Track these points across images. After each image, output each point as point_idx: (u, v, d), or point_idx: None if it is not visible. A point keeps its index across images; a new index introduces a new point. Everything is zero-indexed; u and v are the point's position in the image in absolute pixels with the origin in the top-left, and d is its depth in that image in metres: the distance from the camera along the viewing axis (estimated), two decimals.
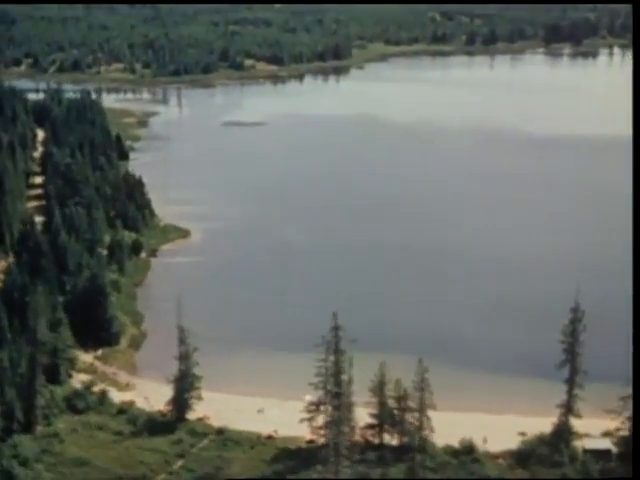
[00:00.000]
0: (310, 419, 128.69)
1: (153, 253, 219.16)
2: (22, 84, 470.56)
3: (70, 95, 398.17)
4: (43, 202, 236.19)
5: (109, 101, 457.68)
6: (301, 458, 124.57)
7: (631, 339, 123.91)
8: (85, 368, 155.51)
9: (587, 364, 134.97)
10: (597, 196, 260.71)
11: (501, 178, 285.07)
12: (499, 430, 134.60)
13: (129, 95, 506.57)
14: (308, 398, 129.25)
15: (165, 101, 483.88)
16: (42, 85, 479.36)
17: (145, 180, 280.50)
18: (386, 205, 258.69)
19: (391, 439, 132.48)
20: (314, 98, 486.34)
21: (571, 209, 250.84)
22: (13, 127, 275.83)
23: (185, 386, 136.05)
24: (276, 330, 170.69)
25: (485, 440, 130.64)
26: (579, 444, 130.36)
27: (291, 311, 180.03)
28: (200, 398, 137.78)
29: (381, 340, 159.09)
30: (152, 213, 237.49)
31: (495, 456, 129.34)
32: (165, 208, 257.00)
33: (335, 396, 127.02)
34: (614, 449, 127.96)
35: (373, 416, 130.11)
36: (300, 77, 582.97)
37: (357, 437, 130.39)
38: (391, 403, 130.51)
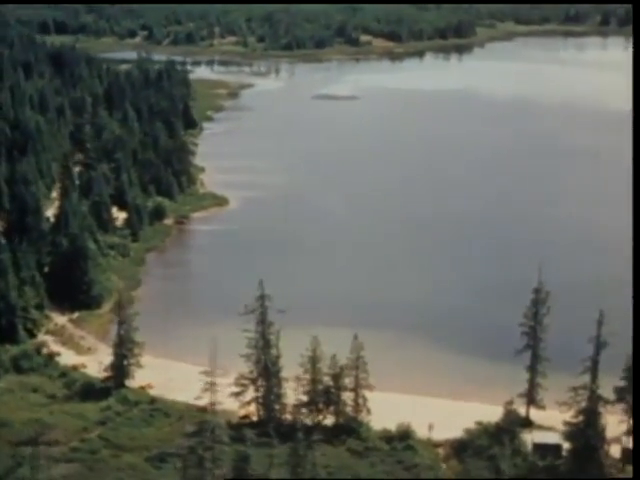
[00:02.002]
0: (239, 393, 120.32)
1: (181, 220, 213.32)
2: (126, 55, 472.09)
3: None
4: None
5: (218, 73, 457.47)
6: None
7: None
8: (54, 330, 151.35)
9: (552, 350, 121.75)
10: None
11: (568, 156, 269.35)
12: (457, 417, 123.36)
13: (234, 68, 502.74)
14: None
15: (266, 74, 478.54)
16: (156, 57, 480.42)
17: (206, 149, 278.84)
18: (450, 179, 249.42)
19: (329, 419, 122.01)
20: (422, 74, 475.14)
21: None
22: (72, 90, 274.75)
23: (123, 352, 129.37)
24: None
25: (431, 427, 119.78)
26: (529, 437, 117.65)
27: (295, 283, 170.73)
28: (140, 365, 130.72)
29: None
30: (191, 180, 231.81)
31: (436, 444, 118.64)
32: (214, 176, 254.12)
33: (264, 370, 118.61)
34: (565, 444, 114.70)
35: (306, 394, 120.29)
36: (419, 54, 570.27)
37: (288, 415, 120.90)
38: (328, 381, 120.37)
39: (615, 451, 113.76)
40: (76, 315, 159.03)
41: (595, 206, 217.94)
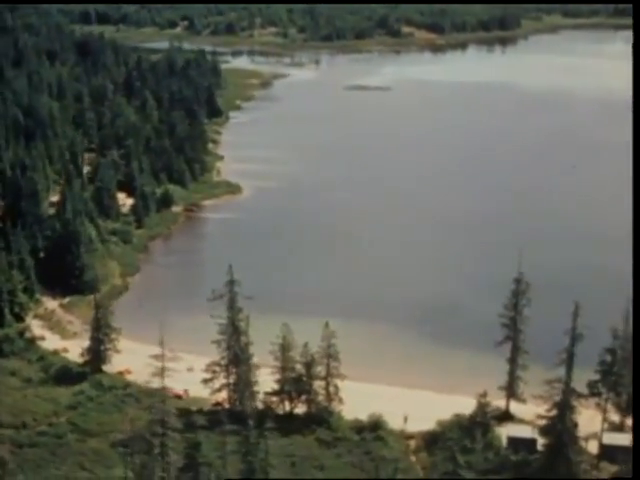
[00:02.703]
0: (210, 380, 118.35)
1: (190, 207, 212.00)
2: (164, 45, 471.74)
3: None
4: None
5: (255, 63, 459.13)
6: (187, 422, 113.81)
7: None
8: (43, 314, 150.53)
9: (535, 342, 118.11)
10: None
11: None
12: (438, 409, 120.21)
13: (272, 59, 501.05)
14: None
15: (302, 65, 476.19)
16: (195, 47, 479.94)
17: (229, 138, 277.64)
18: (469, 171, 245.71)
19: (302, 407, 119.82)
20: (462, 66, 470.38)
21: None
22: (94, 78, 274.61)
23: (100, 337, 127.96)
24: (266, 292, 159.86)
25: (406, 418, 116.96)
26: (504, 431, 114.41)
27: (290, 274, 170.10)
28: (117, 350, 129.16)
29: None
30: (205, 168, 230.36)
31: (409, 436, 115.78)
32: (233, 165, 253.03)
33: (234, 357, 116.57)
34: (540, 439, 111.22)
35: (277, 382, 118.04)
36: (462, 46, 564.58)
37: (259, 403, 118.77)
38: (300, 369, 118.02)
39: (592, 447, 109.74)
40: (67, 300, 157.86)
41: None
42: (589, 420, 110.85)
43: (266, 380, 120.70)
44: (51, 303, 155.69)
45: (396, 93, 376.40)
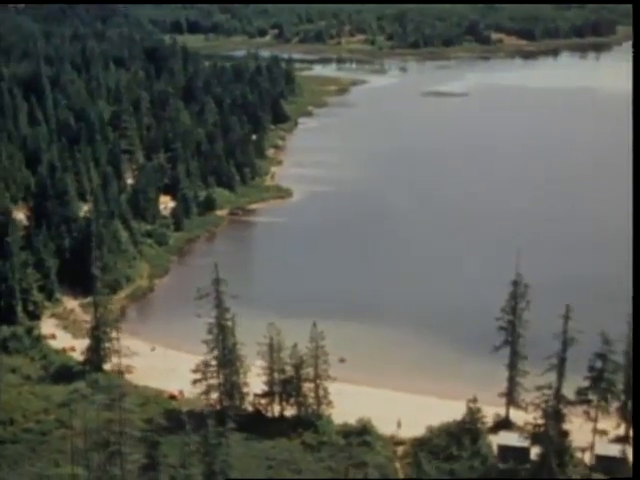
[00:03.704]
0: (199, 381, 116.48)
1: (236, 211, 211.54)
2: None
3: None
4: None
5: (338, 70, 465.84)
6: (175, 423, 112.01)
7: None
8: (59, 313, 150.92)
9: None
10: None
11: None
12: (437, 415, 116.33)
13: (354, 66, 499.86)
14: (259, 363, 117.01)
15: (384, 71, 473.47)
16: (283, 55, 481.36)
17: (294, 143, 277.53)
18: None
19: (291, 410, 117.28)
20: (551, 73, 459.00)
21: None
22: (157, 83, 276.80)
23: (100, 335, 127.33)
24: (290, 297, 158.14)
25: (399, 424, 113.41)
26: (496, 439, 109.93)
27: (323, 280, 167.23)
28: (116, 350, 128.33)
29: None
30: (255, 172, 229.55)
31: (399, 442, 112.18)
32: (290, 170, 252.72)
33: (221, 357, 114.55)
34: (533, 447, 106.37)
35: (266, 383, 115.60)
36: (554, 53, 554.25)
37: (248, 405, 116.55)
38: (290, 371, 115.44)
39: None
40: (88, 300, 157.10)
41: None
42: (578, 428, 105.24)
43: (257, 381, 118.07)
44: (71, 303, 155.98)
45: (473, 99, 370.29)
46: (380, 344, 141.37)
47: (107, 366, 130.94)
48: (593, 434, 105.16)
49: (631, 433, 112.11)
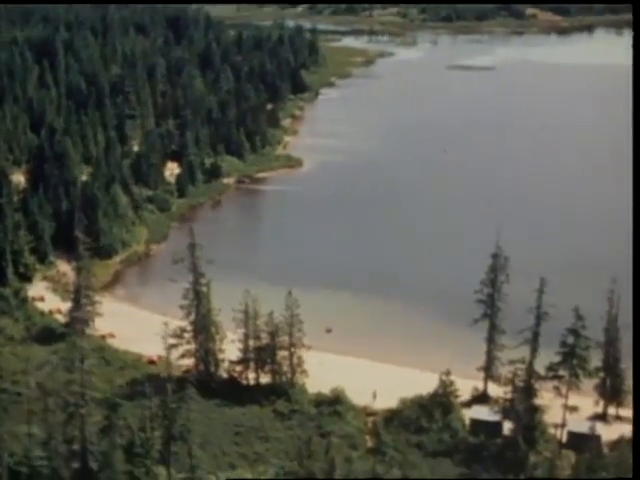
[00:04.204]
0: (175, 346, 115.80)
1: (242, 179, 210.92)
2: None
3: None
4: None
5: (366, 42, 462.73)
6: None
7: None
8: (51, 276, 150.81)
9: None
10: None
11: None
12: (416, 387, 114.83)
13: (385, 38, 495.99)
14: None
15: (413, 44, 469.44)
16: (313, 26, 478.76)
17: (312, 113, 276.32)
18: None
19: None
20: (584, 49, 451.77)
21: None
22: (174, 51, 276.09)
23: (81, 299, 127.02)
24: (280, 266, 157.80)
25: (375, 395, 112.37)
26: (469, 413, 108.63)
27: (321, 249, 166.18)
28: (99, 314, 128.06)
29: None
30: (266, 141, 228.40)
31: (372, 413, 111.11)
32: (304, 140, 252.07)
33: (197, 323, 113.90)
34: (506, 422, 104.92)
35: (241, 351, 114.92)
36: (588, 29, 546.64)
37: (223, 372, 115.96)
38: (266, 338, 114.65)
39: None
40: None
41: None
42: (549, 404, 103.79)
43: (234, 349, 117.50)
44: (64, 266, 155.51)
45: (498, 74, 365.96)
46: (371, 316, 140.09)
47: (90, 329, 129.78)
48: (564, 410, 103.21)
49: (609, 411, 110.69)
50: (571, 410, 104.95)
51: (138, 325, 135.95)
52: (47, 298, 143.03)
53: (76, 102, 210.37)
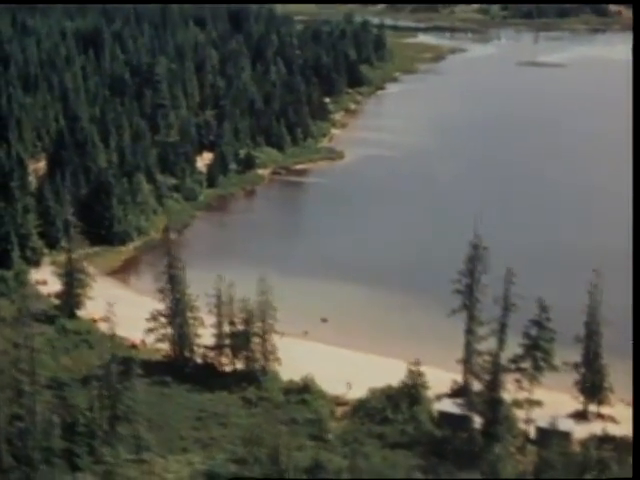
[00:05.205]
0: (152, 330, 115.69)
1: (278, 170, 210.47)
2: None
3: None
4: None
5: (444, 39, 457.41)
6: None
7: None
8: (60, 261, 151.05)
9: None
10: None
11: None
12: (398, 379, 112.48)
13: (462, 35, 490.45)
14: None
15: (489, 41, 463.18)
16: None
17: (369, 107, 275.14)
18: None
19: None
20: None
21: None
22: (230, 44, 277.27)
23: (71, 281, 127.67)
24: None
25: (349, 385, 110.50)
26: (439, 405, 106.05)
27: (343, 241, 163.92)
28: (88, 296, 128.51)
29: None
30: (308, 134, 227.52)
31: (343, 403, 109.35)
32: (351, 133, 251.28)
33: (172, 307, 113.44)
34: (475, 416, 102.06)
35: (215, 336, 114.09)
36: None
37: (198, 357, 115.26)
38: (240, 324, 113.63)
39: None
40: (95, 250, 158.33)
41: None
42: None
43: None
44: (77, 252, 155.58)
45: (568, 71, 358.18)
46: (372, 308, 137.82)
47: (82, 313, 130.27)
48: (527, 405, 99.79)
49: (590, 408, 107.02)
50: (535, 405, 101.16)
51: (134, 310, 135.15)
52: (50, 282, 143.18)
53: (117, 92, 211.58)
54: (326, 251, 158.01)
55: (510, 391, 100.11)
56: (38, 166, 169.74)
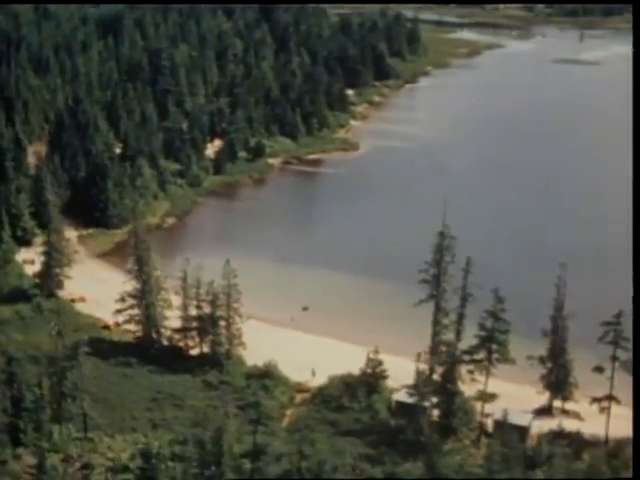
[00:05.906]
0: (120, 311, 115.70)
1: (289, 160, 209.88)
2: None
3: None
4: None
5: (486, 34, 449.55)
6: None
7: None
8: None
9: None
10: None
11: None
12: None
13: (505, 31, 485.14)
14: None
15: (528, 37, 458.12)
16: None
17: (395, 100, 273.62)
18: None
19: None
20: None
21: None
22: (255, 33, 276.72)
23: (50, 261, 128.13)
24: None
25: (314, 372, 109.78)
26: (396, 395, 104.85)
27: (343, 230, 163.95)
28: (67, 276, 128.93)
29: None
30: (323, 124, 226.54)
31: (304, 389, 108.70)
32: (370, 125, 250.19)
33: (141, 289, 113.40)
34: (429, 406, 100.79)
35: (182, 319, 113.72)
36: None
37: (164, 340, 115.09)
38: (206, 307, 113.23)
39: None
40: (88, 232, 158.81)
41: None
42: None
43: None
44: (71, 233, 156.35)
45: (602, 69, 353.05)
46: (357, 296, 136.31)
47: (65, 293, 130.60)
48: (480, 396, 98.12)
49: (555, 404, 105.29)
50: (490, 398, 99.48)
51: (115, 291, 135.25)
52: (37, 261, 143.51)
53: (132, 78, 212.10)
54: (324, 238, 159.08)
55: (466, 382, 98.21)
56: (40, 148, 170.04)
